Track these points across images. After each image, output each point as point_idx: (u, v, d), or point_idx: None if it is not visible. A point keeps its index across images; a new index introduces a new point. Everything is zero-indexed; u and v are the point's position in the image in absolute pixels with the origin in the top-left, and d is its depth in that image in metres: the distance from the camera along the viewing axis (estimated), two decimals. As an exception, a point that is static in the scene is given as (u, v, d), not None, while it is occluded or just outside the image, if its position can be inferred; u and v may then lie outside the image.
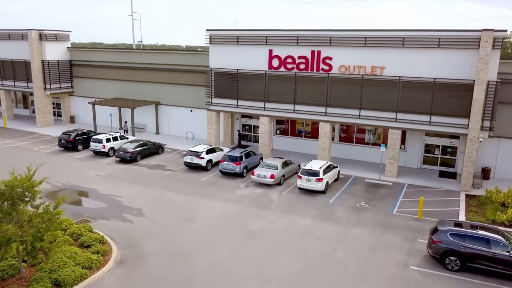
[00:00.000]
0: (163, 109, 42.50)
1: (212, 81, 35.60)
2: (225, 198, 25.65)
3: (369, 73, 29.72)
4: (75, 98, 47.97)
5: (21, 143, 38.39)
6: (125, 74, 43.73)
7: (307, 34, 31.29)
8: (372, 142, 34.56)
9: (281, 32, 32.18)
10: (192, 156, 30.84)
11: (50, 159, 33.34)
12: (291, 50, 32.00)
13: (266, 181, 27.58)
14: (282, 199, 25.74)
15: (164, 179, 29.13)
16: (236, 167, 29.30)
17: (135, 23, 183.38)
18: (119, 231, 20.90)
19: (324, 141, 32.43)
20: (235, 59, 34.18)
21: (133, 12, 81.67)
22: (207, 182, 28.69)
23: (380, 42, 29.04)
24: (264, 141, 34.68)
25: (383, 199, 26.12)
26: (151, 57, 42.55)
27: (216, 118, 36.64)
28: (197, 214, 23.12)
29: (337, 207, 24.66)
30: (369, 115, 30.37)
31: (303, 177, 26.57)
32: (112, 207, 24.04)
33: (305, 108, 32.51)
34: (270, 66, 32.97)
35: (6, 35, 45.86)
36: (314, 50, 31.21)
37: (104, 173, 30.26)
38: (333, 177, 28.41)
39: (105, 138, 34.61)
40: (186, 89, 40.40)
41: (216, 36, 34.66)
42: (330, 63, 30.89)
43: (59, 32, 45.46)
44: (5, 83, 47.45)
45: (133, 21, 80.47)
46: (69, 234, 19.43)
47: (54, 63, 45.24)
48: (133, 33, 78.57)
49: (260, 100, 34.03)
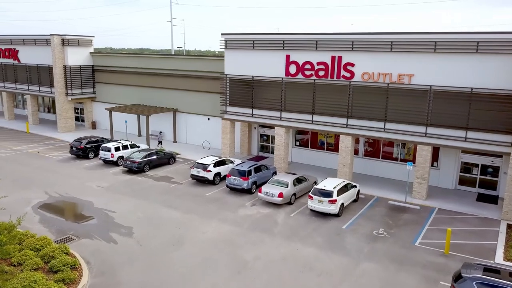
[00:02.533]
0: (181, 116, 40.82)
1: (227, 88, 33.40)
2: (224, 218, 23.18)
3: (396, 81, 26.34)
4: (96, 103, 47.42)
5: (36, 149, 37.89)
6: (144, 80, 42.54)
7: (327, 38, 28.38)
8: (401, 158, 30.93)
9: (299, 36, 29.46)
10: (199, 169, 28.66)
11: (58, 167, 32.35)
12: (310, 56, 29.19)
13: (273, 200, 24.85)
14: (288, 222, 22.92)
15: (166, 193, 27.12)
16: (244, 183, 26.78)
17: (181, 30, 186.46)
18: (98, 254, 18.95)
19: (344, 156, 29.25)
20: (251, 65, 31.81)
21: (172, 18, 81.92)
22: (211, 198, 26.37)
23: (409, 47, 25.62)
24: (280, 154, 31.95)
25: (406, 226, 22.65)
26: (168, 62, 41.04)
27: (231, 127, 34.36)
28: (188, 237, 20.79)
29: (350, 234, 21.50)
30: (395, 128, 26.94)
31: (314, 198, 23.62)
32: (102, 224, 22.22)
33: (324, 119, 29.52)
34: (287, 72, 30.30)
35: (32, 40, 46.09)
36: (335, 56, 28.23)
37: (106, 184, 28.72)
38: (350, 198, 25.22)
39: (114, 146, 33.21)
40: (203, 96, 38.48)
41: (231, 40, 32.46)
42: (352, 70, 27.78)
43: (81, 37, 45.09)
44: (31, 88, 47.69)
45: (172, 27, 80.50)
46: (41, 255, 17.67)
47: (76, 68, 44.86)
48: (172, 39, 78.32)
49: (276, 109, 31.39)
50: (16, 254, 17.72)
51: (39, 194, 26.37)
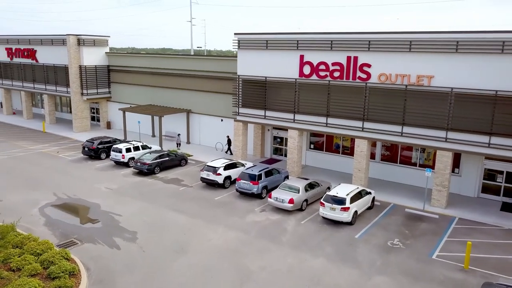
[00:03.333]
0: (194, 117, 40.26)
1: (240, 89, 32.61)
2: (231, 224, 22.37)
3: (414, 83, 25.02)
4: (112, 103, 47.37)
5: (50, 149, 37.96)
6: (159, 80, 42.19)
7: (342, 37, 27.24)
8: (420, 163, 29.51)
9: (314, 36, 28.40)
10: (209, 172, 27.94)
11: (69, 168, 32.19)
12: (325, 56, 28.10)
13: (283, 206, 23.90)
14: (298, 230, 21.94)
15: (174, 196, 26.52)
16: (253, 187, 25.92)
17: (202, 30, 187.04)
18: (99, 260, 18.41)
19: (360, 161, 28.05)
20: (264, 65, 30.92)
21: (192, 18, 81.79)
22: (219, 203, 25.61)
23: (429, 47, 24.27)
24: (293, 157, 30.95)
25: (423, 236, 21.37)
26: (182, 63, 40.54)
27: (243, 129, 33.55)
28: (193, 243, 20.07)
29: (363, 244, 20.38)
30: (414, 132, 25.60)
31: (326, 205, 22.58)
32: (106, 228, 21.73)
33: (339, 122, 28.39)
34: (301, 73, 29.28)
35: (49, 40, 46.35)
36: (350, 56, 27.07)
37: (115, 186, 28.32)
38: (364, 205, 24.05)
39: (125, 147, 32.85)
40: (217, 97, 37.82)
41: (244, 40, 31.65)
42: (369, 71, 26.57)
43: (97, 37, 45.09)
44: (48, 87, 48.00)
45: (191, 27, 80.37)
46: (41, 261, 17.23)
47: (91, 68, 44.89)
48: (191, 39, 78.15)
49: (290, 111, 30.41)
50: (16, 258, 17.33)
51: (47, 195, 26.15)
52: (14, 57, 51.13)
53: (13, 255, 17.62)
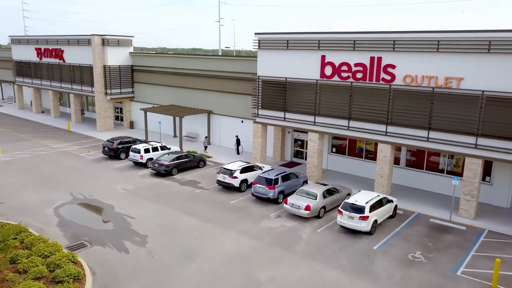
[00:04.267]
0: (215, 118, 39.80)
1: (260, 90, 31.84)
2: (245, 230, 21.63)
3: (442, 85, 23.55)
4: (135, 103, 47.60)
5: (73, 148, 38.35)
6: (180, 80, 42.00)
7: (366, 37, 26.02)
8: (448, 170, 27.89)
9: (336, 35, 27.30)
10: (225, 175, 27.31)
11: (88, 168, 32.31)
12: (347, 56, 26.96)
13: (300, 212, 22.95)
14: (313, 239, 20.95)
15: (189, 199, 26.03)
16: (270, 192, 25.09)
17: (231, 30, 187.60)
18: (106, 264, 18.05)
19: (383, 167, 26.75)
20: (284, 66, 30.05)
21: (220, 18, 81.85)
22: (234, 207, 24.93)
23: (458, 47, 22.76)
24: (313, 161, 29.91)
25: (448, 250, 19.96)
26: (203, 63, 40.17)
27: (263, 131, 32.76)
28: (203, 249, 19.45)
29: (381, 256, 19.20)
30: (441, 138, 24.12)
31: (344, 213, 21.49)
32: (118, 230, 21.43)
33: (361, 125, 27.18)
34: (322, 74, 28.24)
35: (75, 41, 47.03)
36: (374, 57, 25.82)
37: (132, 187, 28.12)
38: (385, 214, 22.79)
39: (144, 148, 32.70)
40: (237, 98, 37.21)
41: (264, 40, 30.87)
42: (393, 72, 25.25)
43: (121, 38, 45.38)
44: (74, 87, 48.72)
45: (219, 27, 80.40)
46: (47, 263, 17.00)
47: (115, 68, 45.22)
48: (219, 39, 78.32)
49: (310, 114, 29.41)
50: (24, 260, 17.19)
51: (63, 195, 26.19)
52: (43, 57, 52.25)
53: (21, 256, 17.51)
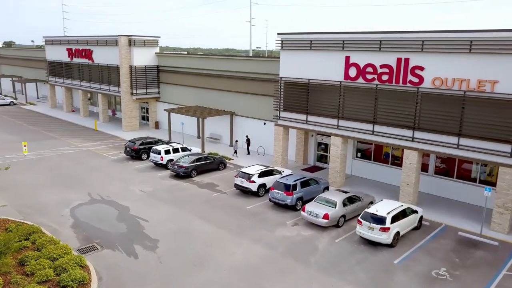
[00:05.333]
0: (238, 120, 39.20)
1: (281, 92, 30.95)
2: (258, 238, 20.82)
3: (475, 88, 21.90)
4: (160, 103, 47.72)
5: (97, 148, 38.74)
6: (204, 81, 41.68)
7: (393, 37, 24.65)
8: (481, 179, 26.07)
9: (361, 35, 26.04)
10: (243, 179, 26.61)
11: (110, 168, 32.42)
12: (372, 57, 25.66)
13: (317, 221, 21.91)
14: (330, 250, 19.88)
15: (206, 202, 25.49)
16: (287, 198, 24.16)
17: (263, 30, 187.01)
18: (114, 269, 17.71)
19: (409, 174, 25.28)
20: (307, 67, 29.02)
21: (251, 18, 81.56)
22: (250, 212, 24.17)
23: (493, 47, 21.07)
24: (335, 166, 28.73)
25: (476, 267, 18.43)
26: (226, 64, 39.66)
27: (284, 134, 31.84)
28: (213, 257, 18.79)
29: (402, 272, 17.92)
30: (472, 145, 22.47)
31: (363, 223, 20.30)
32: (130, 234, 21.12)
33: (387, 130, 25.81)
34: (346, 76, 27.04)
35: (104, 41, 47.65)
36: (401, 58, 24.41)
37: (149, 188, 27.89)
38: (409, 226, 21.40)
39: (164, 149, 32.48)
40: (260, 99, 36.44)
41: (287, 40, 29.94)
42: (421, 75, 23.77)
43: (147, 38, 45.58)
44: (102, 86, 49.42)
45: (251, 27, 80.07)
46: (55, 266, 16.83)
47: (141, 68, 45.48)
48: (250, 39, 77.89)
49: (333, 117, 28.25)
50: (32, 262, 17.10)
51: (82, 196, 26.25)
52: (74, 57, 53.34)
53: (31, 258, 17.44)
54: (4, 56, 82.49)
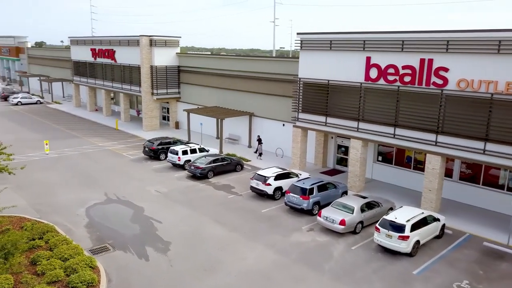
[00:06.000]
0: (256, 121, 38.77)
1: (300, 93, 30.32)
2: (272, 243, 20.31)
3: (503, 91, 20.75)
4: (181, 104, 47.77)
5: (117, 147, 39.04)
6: (224, 82, 41.44)
7: (416, 37, 23.68)
8: (509, 186, 24.77)
9: (382, 35, 25.17)
10: (258, 181, 26.14)
11: (127, 167, 32.54)
12: (394, 58, 24.75)
13: (334, 227, 21.22)
14: (346, 258, 19.18)
15: (221, 205, 25.16)
16: (303, 202, 23.54)
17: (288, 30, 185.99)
18: (123, 271, 17.55)
19: (431, 180, 24.25)
20: (327, 67, 28.31)
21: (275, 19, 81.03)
22: (265, 216, 23.68)
23: (523, 47, 19.90)
24: (355, 170, 27.90)
25: (502, 281, 17.39)
26: (245, 64, 39.29)
27: (302, 136, 31.20)
28: (225, 262, 18.40)
29: (421, 283, 17.07)
30: (500, 151, 21.30)
31: (381, 230, 19.51)
32: (142, 235, 20.98)
33: (409, 133, 24.84)
34: (367, 77, 26.20)
35: (126, 41, 48.09)
36: (424, 58, 23.43)
37: (165, 189, 27.78)
38: (430, 235, 20.44)
39: (182, 150, 32.35)
40: (279, 100, 35.90)
41: (307, 40, 29.30)
42: (446, 76, 22.74)
43: (168, 38, 45.71)
44: (124, 86, 49.90)
45: (274, 27, 79.57)
46: (65, 267, 16.79)
47: (162, 68, 45.65)
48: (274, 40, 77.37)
49: (353, 119, 27.45)
50: (44, 262, 17.13)
51: (98, 195, 26.35)
52: (97, 57, 54.10)
53: (43, 258, 17.48)
54: (33, 56, 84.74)
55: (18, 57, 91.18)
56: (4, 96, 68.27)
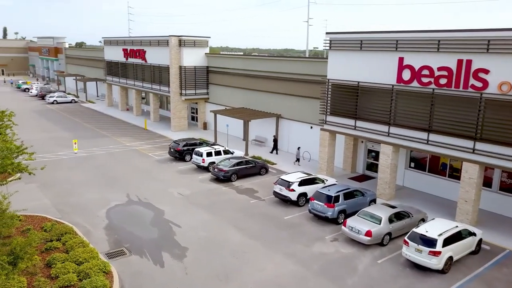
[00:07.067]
0: (284, 123, 37.80)
1: (329, 94, 29.12)
2: (292, 253, 19.33)
3: (551, 95, 18.88)
4: (209, 104, 47.44)
5: (144, 147, 39.09)
6: (251, 83, 40.71)
7: (453, 36, 22.04)
8: (556, 199, 22.70)
9: (416, 35, 23.63)
10: (282, 186, 25.20)
11: (152, 168, 32.38)
12: (429, 59, 23.17)
13: (359, 238, 19.99)
14: (371, 272, 17.94)
15: (242, 210, 24.40)
16: (328, 210, 22.39)
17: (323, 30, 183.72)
18: (137, 278, 17.08)
19: (468, 190, 22.52)
20: (357, 68, 27.00)
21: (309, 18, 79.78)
22: (287, 223, 22.71)
23: None
24: (385, 177, 26.45)
25: (545, 306, 15.69)
26: (272, 64, 38.37)
27: (330, 140, 29.97)
28: (241, 272, 17.60)
29: (453, 305, 15.65)
30: (546, 160, 19.41)
31: (410, 244, 18.15)
32: (160, 240, 20.51)
33: (443, 139, 23.20)
34: (399, 79, 24.72)
35: (156, 42, 48.26)
36: (462, 59, 21.76)
37: (188, 192, 27.31)
38: (465, 250, 18.86)
39: (206, 151, 31.84)
40: (307, 102, 34.78)
41: (336, 40, 28.07)
42: (486, 78, 21.00)
43: (197, 38, 45.46)
44: (154, 86, 50.13)
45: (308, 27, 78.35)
46: (78, 271, 16.51)
47: (190, 69, 45.46)
48: (307, 40, 76.20)
49: (384, 123, 26.02)
50: (59, 264, 16.94)
51: (120, 196, 26.20)
52: (129, 57, 54.70)
53: (58, 260, 17.29)
54: (70, 56, 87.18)
55: (57, 57, 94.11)
56: (41, 95, 70.46)
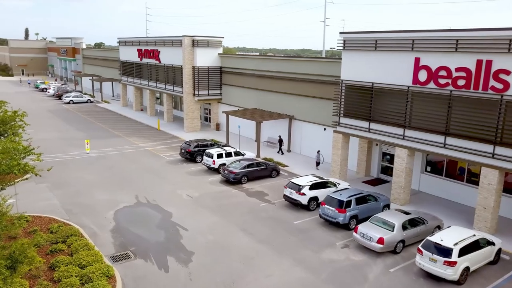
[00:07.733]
0: (296, 124, 37.15)
1: (342, 96, 28.37)
2: (301, 259, 18.71)
3: None
4: (222, 105, 47.10)
5: (156, 148, 38.93)
6: (264, 83, 40.17)
7: (472, 35, 21.08)
8: None
9: (433, 34, 22.72)
10: (292, 190, 24.58)
11: (162, 169, 32.13)
12: (447, 59, 22.25)
13: (371, 245, 19.24)
14: (382, 281, 17.20)
15: (251, 213, 23.88)
16: (339, 216, 21.68)
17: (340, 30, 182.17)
18: (141, 282, 16.72)
19: (486, 196, 21.53)
20: (371, 69, 26.20)
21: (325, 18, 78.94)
22: (297, 228, 22.09)
23: None
24: (399, 181, 25.57)
25: None
26: (285, 65, 37.75)
27: (344, 142, 29.19)
28: (246, 278, 17.08)
29: (469, 319, 14.81)
30: None
31: (424, 253, 17.34)
32: (166, 243, 20.14)
33: (461, 143, 22.25)
34: (415, 80, 23.84)
35: (170, 42, 48.15)
36: (482, 60, 20.79)
37: (197, 194, 26.94)
38: (483, 260, 17.94)
39: (217, 153, 31.43)
40: (320, 103, 34.06)
41: (350, 40, 27.31)
42: (507, 80, 20.02)
43: (211, 39, 45.15)
44: (167, 87, 50.05)
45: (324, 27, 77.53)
46: (81, 275, 16.25)
47: (203, 69, 45.18)
48: (324, 40, 75.70)
49: (399, 126, 25.15)
50: (62, 268, 16.70)
51: (128, 198, 25.98)
52: (143, 57, 54.78)
53: (61, 263, 17.08)
54: (87, 56, 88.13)
55: (74, 58, 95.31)
56: (58, 95, 71.29)
